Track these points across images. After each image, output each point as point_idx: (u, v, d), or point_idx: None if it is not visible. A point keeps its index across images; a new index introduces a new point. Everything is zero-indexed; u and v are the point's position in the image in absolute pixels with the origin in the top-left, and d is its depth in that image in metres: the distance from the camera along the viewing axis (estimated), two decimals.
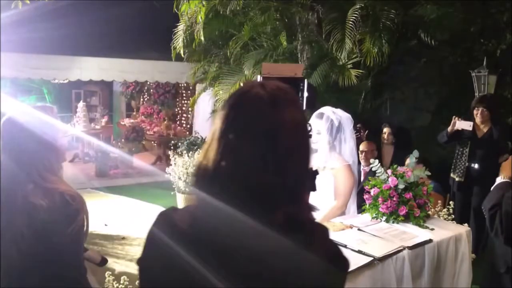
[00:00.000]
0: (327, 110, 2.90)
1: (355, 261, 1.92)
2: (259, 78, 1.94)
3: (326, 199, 2.76)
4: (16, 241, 1.42)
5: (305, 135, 0.94)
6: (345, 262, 0.95)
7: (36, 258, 1.44)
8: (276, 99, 0.89)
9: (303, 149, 0.92)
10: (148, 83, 10.42)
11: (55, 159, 1.60)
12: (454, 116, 4.47)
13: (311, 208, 0.93)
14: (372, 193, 2.62)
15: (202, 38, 5.78)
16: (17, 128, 1.52)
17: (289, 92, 0.93)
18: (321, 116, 2.86)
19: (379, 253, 2.08)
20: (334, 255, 0.93)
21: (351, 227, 2.46)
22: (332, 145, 2.85)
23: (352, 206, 2.94)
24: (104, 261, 2.28)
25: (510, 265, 1.85)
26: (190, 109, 9.71)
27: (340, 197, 2.78)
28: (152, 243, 0.94)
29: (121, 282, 2.49)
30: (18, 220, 1.42)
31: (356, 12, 5.09)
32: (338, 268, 0.93)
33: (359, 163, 4.55)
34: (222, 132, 0.88)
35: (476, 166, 4.43)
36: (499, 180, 2.13)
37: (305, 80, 2.02)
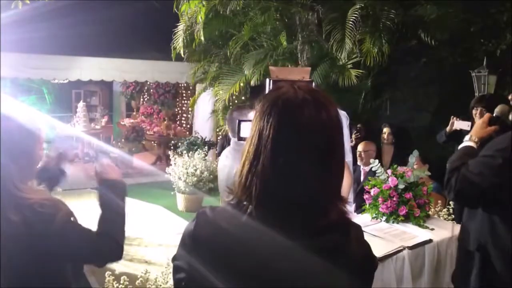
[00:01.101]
0: None
1: None
2: (267, 81, 1.95)
3: None
4: (6, 251, 1.36)
5: (343, 133, 0.97)
6: (375, 260, 1.00)
7: (30, 267, 1.39)
8: (320, 102, 0.91)
9: (343, 147, 0.95)
10: (148, 83, 10.42)
11: (28, 164, 1.48)
12: (452, 116, 4.48)
13: (344, 211, 0.96)
14: (372, 193, 2.62)
15: (202, 38, 5.78)
16: None
17: (323, 92, 0.96)
18: None
19: (379, 253, 2.08)
20: (368, 253, 0.97)
21: None
22: None
23: (350, 205, 2.94)
24: None
25: (482, 243, 1.86)
26: (190, 109, 9.71)
27: None
28: (191, 242, 0.94)
29: (121, 282, 2.49)
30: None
31: (356, 12, 5.09)
32: (371, 266, 0.98)
33: (356, 162, 4.56)
34: (275, 138, 0.89)
35: None
36: (466, 140, 2.05)
37: (313, 83, 2.03)
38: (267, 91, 1.83)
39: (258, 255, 0.87)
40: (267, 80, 1.93)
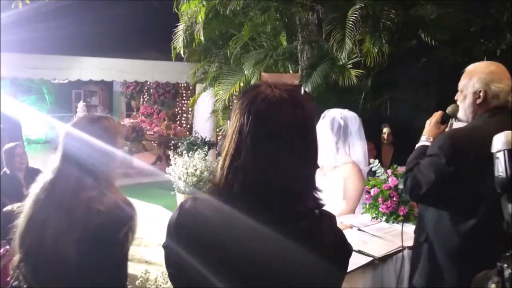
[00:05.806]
0: (332, 110, 2.89)
1: (355, 261, 1.92)
2: None
3: (335, 202, 2.67)
4: (77, 244, 1.44)
5: (315, 130, 1.03)
6: (349, 246, 1.04)
7: (89, 262, 1.45)
8: (296, 99, 0.97)
9: (317, 139, 1.01)
10: (148, 83, 10.42)
11: (114, 169, 1.66)
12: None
13: (318, 198, 1.01)
14: (372, 193, 2.62)
15: (202, 38, 5.78)
16: (78, 141, 1.57)
17: (300, 91, 1.00)
18: (324, 116, 2.85)
19: (379, 253, 2.08)
20: (341, 239, 1.02)
21: (351, 227, 2.46)
22: (339, 145, 2.80)
23: (359, 207, 2.91)
24: None
25: (429, 235, 1.91)
26: (190, 109, 9.71)
27: (349, 201, 2.73)
28: (174, 230, 0.99)
29: None
30: (79, 223, 1.46)
31: (356, 12, 5.08)
32: (345, 252, 1.03)
33: None
34: (255, 133, 0.94)
35: None
36: (423, 140, 2.20)
37: (301, 87, 2.06)
38: None
39: (239, 241, 0.92)
40: None
